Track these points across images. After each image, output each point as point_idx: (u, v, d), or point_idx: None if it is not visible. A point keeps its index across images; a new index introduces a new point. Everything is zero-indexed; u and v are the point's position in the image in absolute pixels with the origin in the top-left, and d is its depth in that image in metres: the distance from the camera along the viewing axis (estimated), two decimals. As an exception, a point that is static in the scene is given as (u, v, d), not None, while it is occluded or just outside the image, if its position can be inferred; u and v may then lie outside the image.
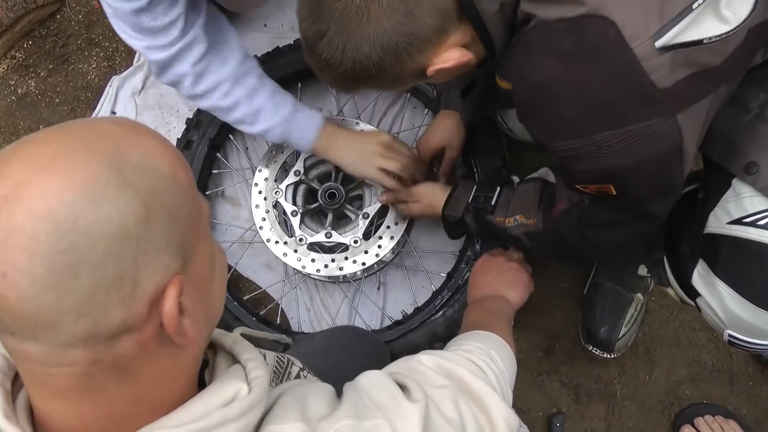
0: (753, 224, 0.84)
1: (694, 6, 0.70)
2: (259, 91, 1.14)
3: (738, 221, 0.85)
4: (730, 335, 0.91)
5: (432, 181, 1.25)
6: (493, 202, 1.10)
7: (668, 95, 0.74)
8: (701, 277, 0.93)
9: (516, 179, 1.14)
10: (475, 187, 1.14)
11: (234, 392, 0.50)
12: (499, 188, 1.11)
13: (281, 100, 1.16)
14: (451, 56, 0.80)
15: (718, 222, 0.88)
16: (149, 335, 0.45)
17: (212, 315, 0.54)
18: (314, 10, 0.78)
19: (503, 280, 1.12)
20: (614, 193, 0.85)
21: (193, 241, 0.48)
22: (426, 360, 0.72)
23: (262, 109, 1.14)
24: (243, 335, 0.62)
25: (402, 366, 0.72)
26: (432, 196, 1.21)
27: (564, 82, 0.77)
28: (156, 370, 0.48)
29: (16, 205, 0.41)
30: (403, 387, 0.63)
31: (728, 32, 0.72)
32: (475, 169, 1.31)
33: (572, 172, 0.88)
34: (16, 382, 0.50)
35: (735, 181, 0.87)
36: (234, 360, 0.56)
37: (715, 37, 0.72)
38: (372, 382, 0.63)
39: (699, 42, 0.72)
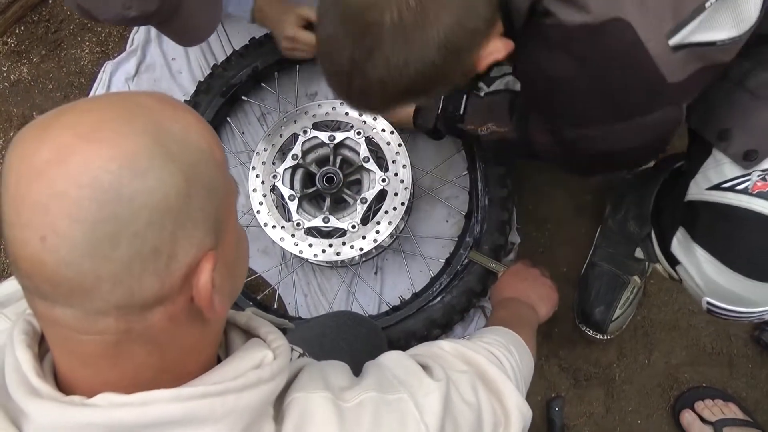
0: (731, 189, 0.85)
1: (707, 5, 0.72)
2: None
3: (717, 187, 0.87)
4: (708, 303, 0.92)
5: None
6: (461, 111, 1.13)
7: (678, 88, 0.77)
8: (680, 243, 0.94)
9: (483, 87, 1.16)
10: (443, 98, 1.17)
11: (260, 358, 0.52)
12: (465, 97, 1.13)
13: None
14: (495, 47, 0.77)
15: (697, 188, 0.90)
16: (179, 309, 0.46)
17: (234, 294, 0.55)
18: (355, 29, 0.71)
19: (537, 292, 1.16)
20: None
21: (225, 218, 0.49)
22: (446, 346, 0.75)
23: None
24: None
25: (423, 350, 0.75)
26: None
27: (581, 79, 0.79)
28: (183, 343, 0.49)
29: (59, 170, 0.41)
30: (425, 367, 0.66)
31: (740, 35, 0.74)
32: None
33: (570, 147, 0.91)
34: (41, 347, 0.50)
35: (715, 149, 0.88)
36: (248, 336, 0.58)
37: (728, 40, 0.74)
38: (394, 361, 0.67)
39: (712, 44, 0.74)
